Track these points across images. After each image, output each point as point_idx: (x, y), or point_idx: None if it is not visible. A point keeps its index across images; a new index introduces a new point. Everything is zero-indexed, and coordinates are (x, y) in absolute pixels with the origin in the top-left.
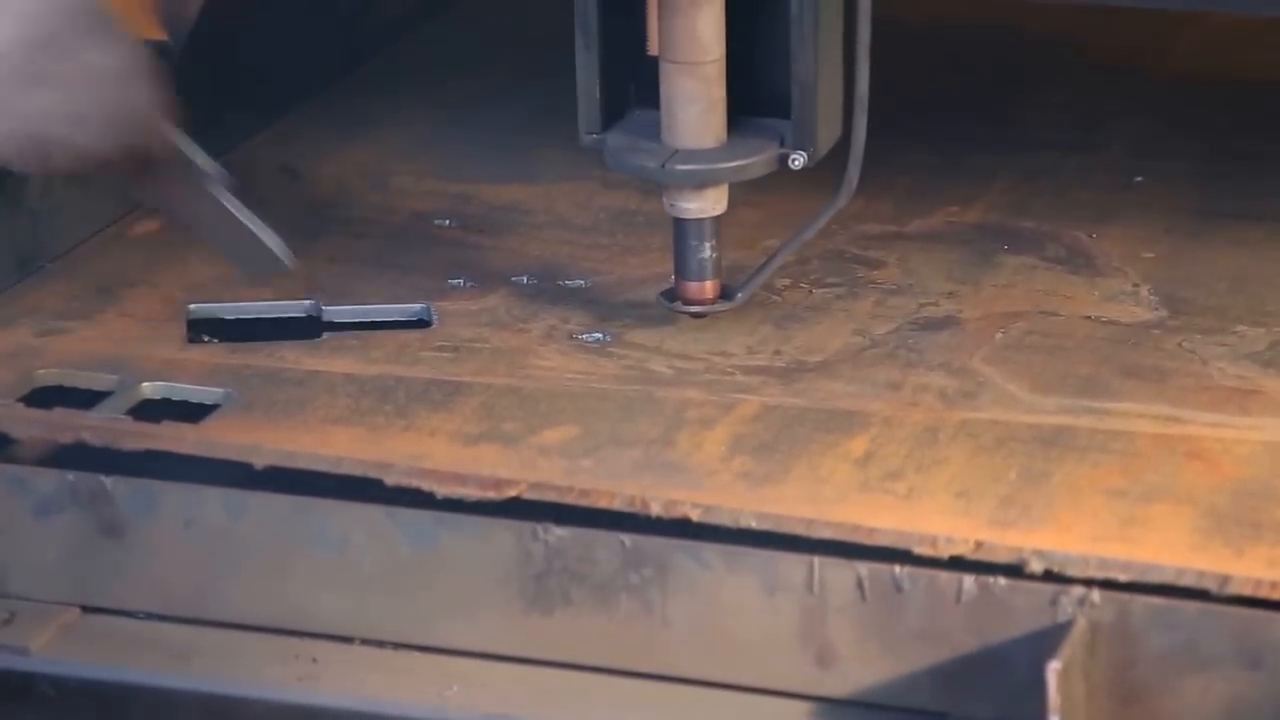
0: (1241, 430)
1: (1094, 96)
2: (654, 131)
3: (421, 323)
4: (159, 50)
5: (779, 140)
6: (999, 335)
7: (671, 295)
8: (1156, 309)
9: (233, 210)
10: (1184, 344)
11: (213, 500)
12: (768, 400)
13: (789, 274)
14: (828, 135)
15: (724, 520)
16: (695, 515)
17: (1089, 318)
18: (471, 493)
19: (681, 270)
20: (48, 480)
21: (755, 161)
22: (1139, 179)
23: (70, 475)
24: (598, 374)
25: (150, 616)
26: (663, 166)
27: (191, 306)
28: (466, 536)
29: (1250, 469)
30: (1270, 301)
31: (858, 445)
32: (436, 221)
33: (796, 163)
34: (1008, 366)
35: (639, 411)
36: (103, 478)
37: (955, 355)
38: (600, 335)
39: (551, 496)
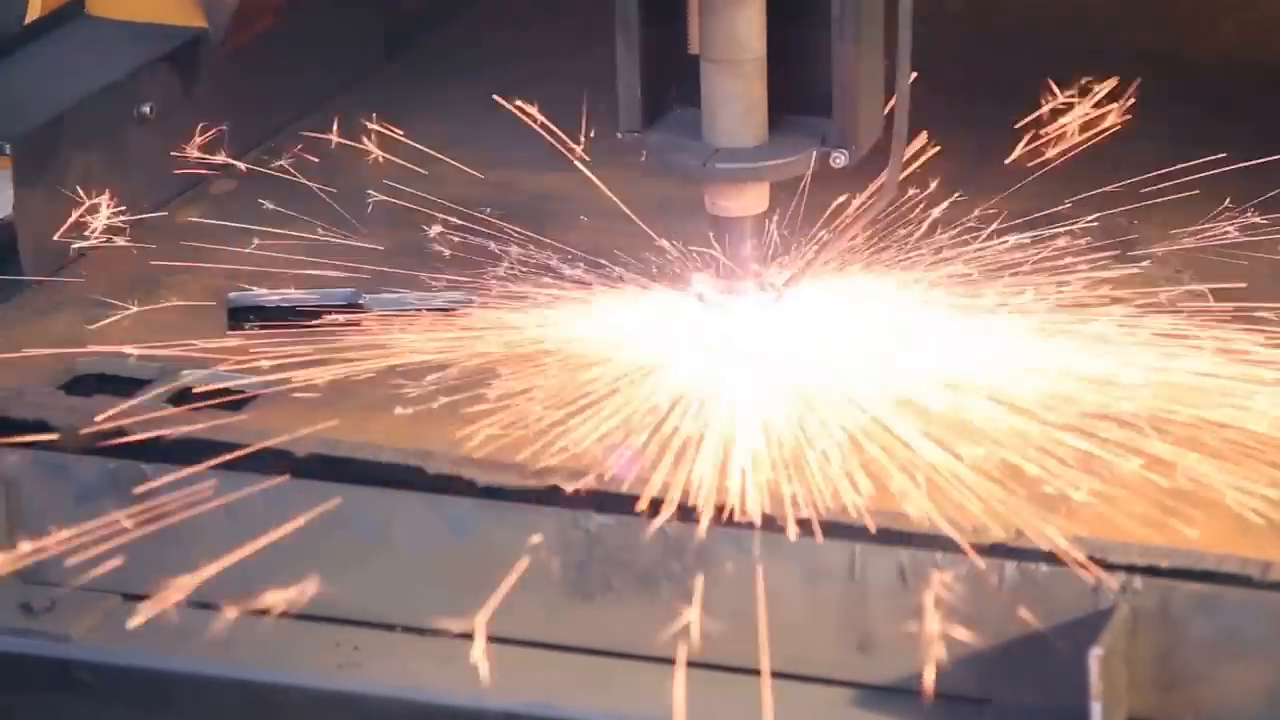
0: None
1: (1134, 80)
2: (694, 130)
3: (461, 309)
4: (198, 38)
5: (820, 139)
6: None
7: (713, 292)
8: (1200, 296)
9: None
10: (1221, 332)
11: (253, 489)
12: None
13: None
14: (869, 133)
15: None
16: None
17: None
18: (513, 481)
19: (724, 269)
20: (88, 468)
21: (796, 160)
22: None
23: (111, 463)
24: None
25: (191, 604)
26: (704, 165)
27: (231, 295)
28: (508, 524)
29: None
30: None
31: None
32: (477, 210)
33: (838, 161)
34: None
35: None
36: (144, 465)
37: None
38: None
39: (592, 484)
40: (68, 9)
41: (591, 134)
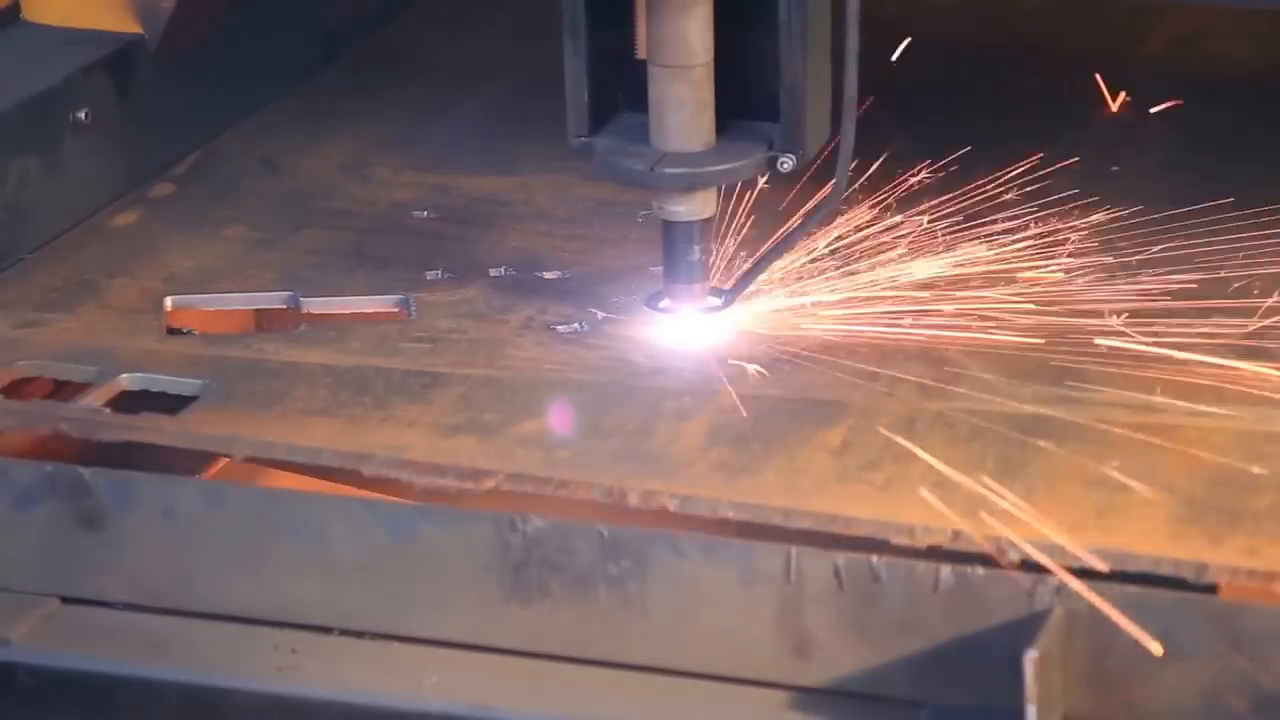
0: (1218, 419)
1: (1070, 88)
2: (642, 135)
3: (399, 314)
4: (133, 43)
5: (768, 143)
6: (976, 325)
7: (660, 298)
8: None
9: None
10: (1160, 332)
11: (191, 491)
12: (744, 391)
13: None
14: (816, 137)
15: (702, 510)
16: (673, 506)
17: None
18: (450, 484)
19: (671, 273)
20: (26, 471)
21: (743, 164)
22: (1114, 168)
23: (49, 466)
24: (575, 364)
25: (129, 607)
26: (651, 170)
27: (169, 299)
28: (445, 527)
29: (1227, 458)
30: (1246, 291)
31: (835, 436)
32: (415, 213)
33: (785, 165)
34: (984, 357)
35: (616, 402)
36: (81, 469)
37: (932, 347)
38: (578, 326)
39: (529, 488)
40: (3, 15)
41: None
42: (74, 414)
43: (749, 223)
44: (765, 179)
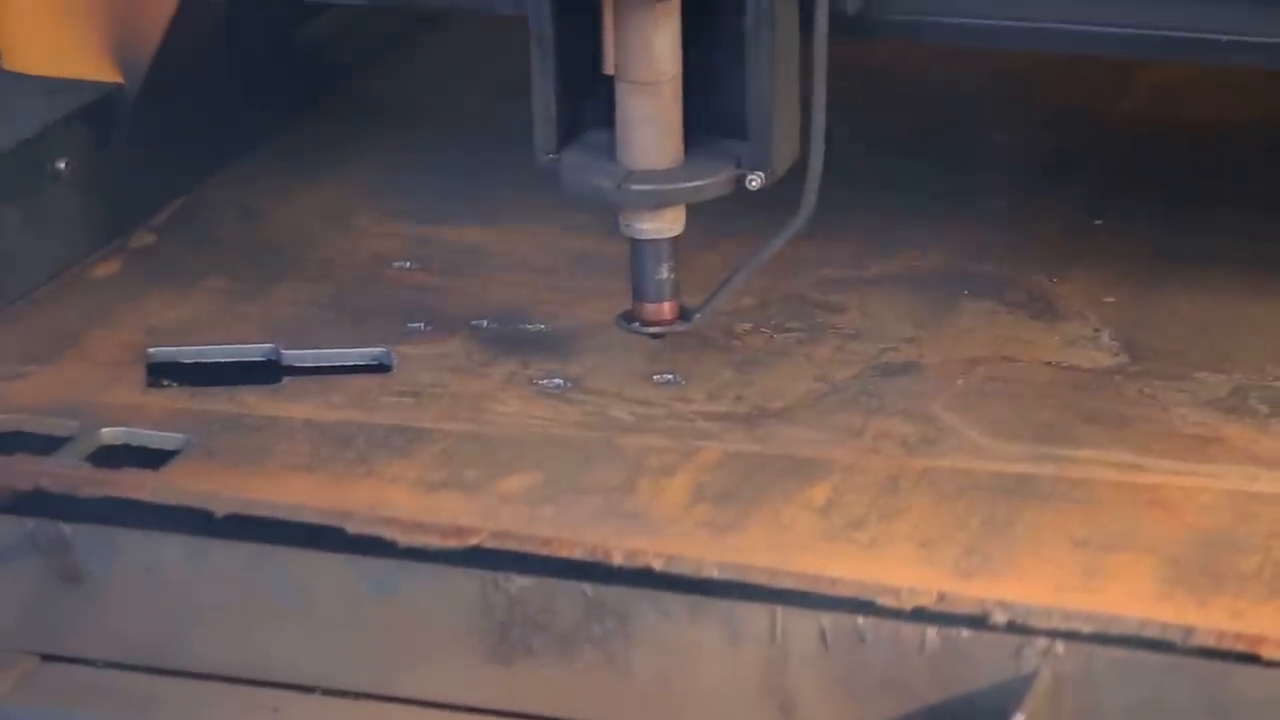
0: (1203, 478)
1: (1052, 140)
2: (610, 152)
3: (382, 367)
4: (113, 93)
5: (736, 161)
6: (960, 381)
7: (630, 317)
8: (1117, 354)
9: None
10: (1145, 390)
11: (173, 548)
12: (729, 447)
13: (749, 318)
14: (785, 156)
15: (686, 570)
16: (657, 565)
17: (1050, 363)
18: (433, 541)
19: (639, 291)
20: (6, 527)
21: (712, 182)
22: (1098, 222)
23: (29, 522)
24: (558, 420)
25: (110, 665)
26: (618, 187)
27: (151, 350)
28: (428, 585)
29: (1212, 518)
30: (1230, 347)
31: (820, 493)
32: (396, 264)
33: (754, 184)
34: (969, 413)
35: (600, 458)
36: (62, 525)
37: (916, 401)
38: (560, 380)
39: (513, 545)
40: None
41: None
42: (55, 469)
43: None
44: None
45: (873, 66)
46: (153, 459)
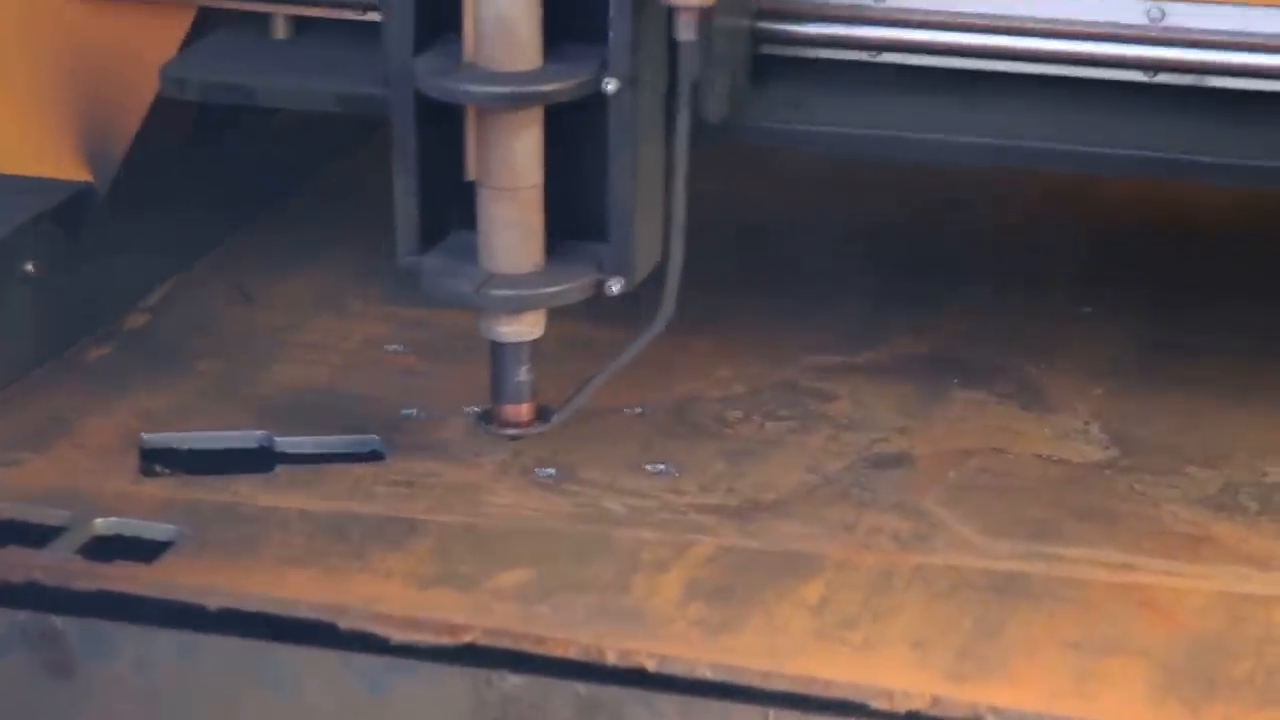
0: (1193, 579)
1: (1040, 225)
2: (472, 253)
3: (375, 455)
4: (83, 192)
5: (597, 264)
6: (951, 474)
7: (488, 417)
8: (1107, 448)
9: None
10: (1135, 486)
11: (165, 642)
12: (722, 542)
13: (741, 405)
14: (646, 261)
15: (680, 670)
16: (651, 665)
17: (1040, 456)
18: (426, 638)
19: (498, 393)
20: None
21: (571, 288)
22: (1087, 309)
23: (20, 615)
24: (552, 512)
25: None
26: (477, 291)
27: (144, 436)
28: (421, 683)
29: (1203, 621)
30: (1219, 441)
31: (813, 590)
32: (389, 348)
33: (614, 289)
34: (960, 508)
35: (594, 553)
36: (54, 618)
37: (908, 495)
38: (553, 470)
39: (507, 643)
40: None
41: None
42: (47, 562)
43: None
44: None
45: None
46: (146, 550)
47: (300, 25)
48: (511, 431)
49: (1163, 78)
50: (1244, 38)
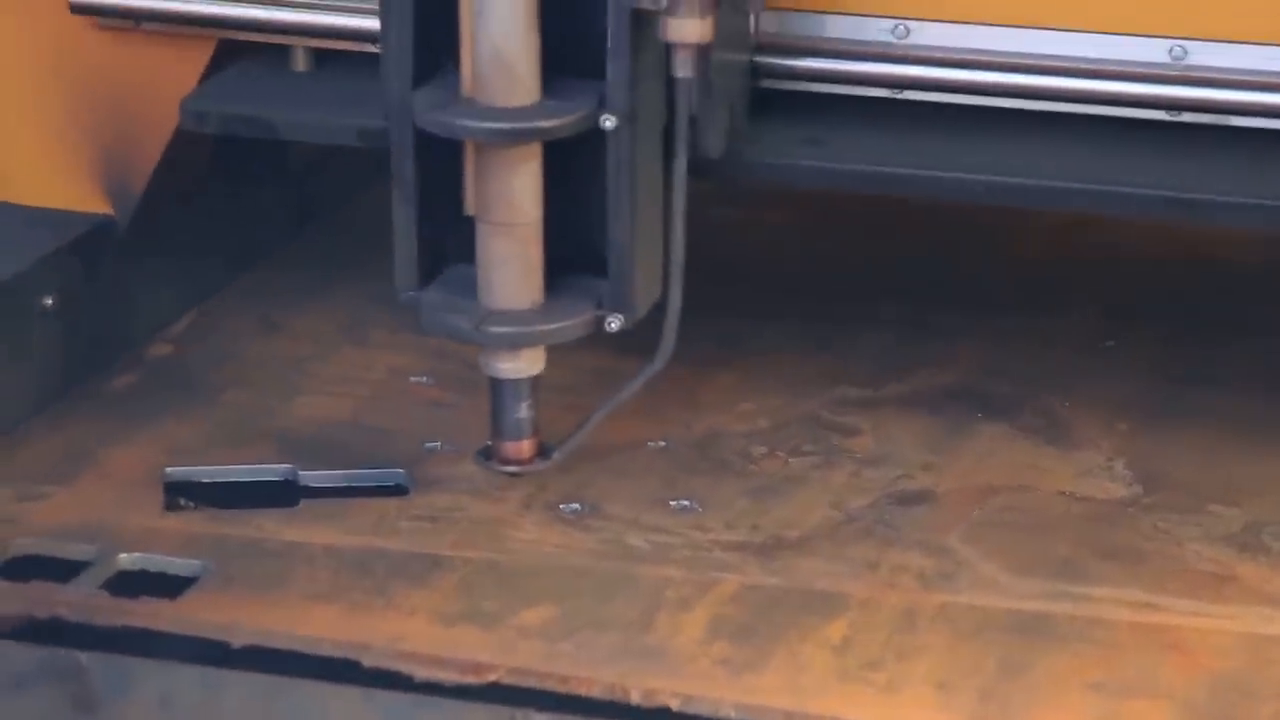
0: (1218, 619)
1: (1063, 257)
2: (472, 288)
3: (399, 488)
4: (103, 225)
5: (596, 301)
6: (976, 512)
7: (489, 454)
8: (1131, 485)
9: None
10: (1159, 524)
11: (189, 678)
12: (746, 579)
13: (764, 440)
14: (646, 297)
15: (703, 710)
16: (675, 704)
17: (1065, 494)
18: (451, 676)
19: (498, 430)
20: (22, 654)
21: (570, 325)
22: (1110, 343)
23: (45, 650)
24: (576, 548)
25: None
26: (476, 328)
27: (168, 470)
28: None
29: (1227, 662)
30: (1242, 478)
31: (836, 630)
32: (413, 379)
33: (613, 325)
34: (985, 545)
35: (618, 590)
36: (79, 654)
37: (932, 533)
38: (578, 505)
39: (531, 682)
40: None
41: None
42: (72, 597)
43: None
44: None
45: None
46: (170, 585)
47: (320, 58)
48: (512, 469)
49: (1186, 117)
50: (1267, 77)
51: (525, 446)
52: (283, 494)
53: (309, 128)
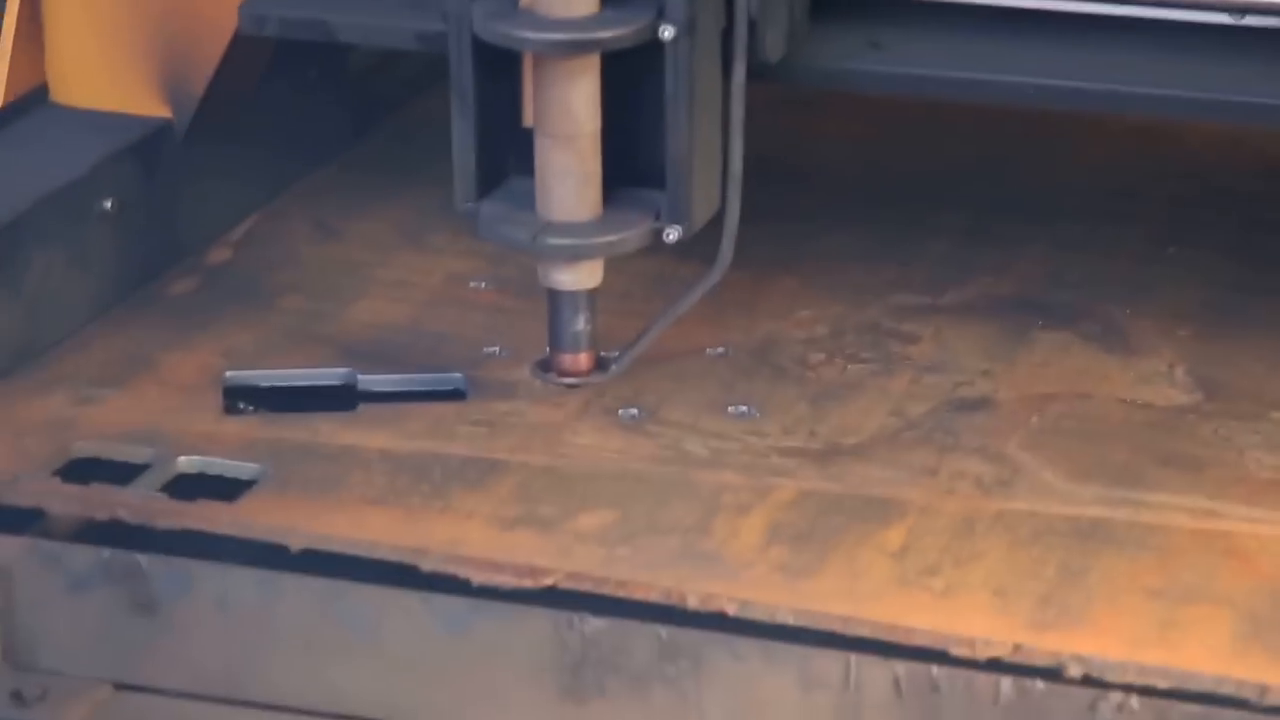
0: (1278, 526)
1: (1126, 164)
2: (530, 200)
3: (457, 393)
4: (161, 129)
5: (655, 213)
6: (1034, 419)
7: (546, 366)
8: (1192, 391)
9: None
10: (1219, 431)
11: (246, 581)
12: (804, 485)
13: (823, 347)
14: (704, 209)
15: (760, 616)
16: (731, 610)
17: (1124, 400)
18: (508, 580)
19: (555, 342)
20: (82, 557)
21: (628, 236)
22: (1172, 250)
23: (105, 552)
24: (634, 453)
25: (183, 695)
26: (534, 239)
27: (228, 374)
28: (501, 624)
29: None
30: None
31: (894, 536)
32: (472, 283)
33: (671, 236)
34: (1043, 452)
35: (675, 495)
36: (138, 556)
37: (991, 439)
38: (636, 411)
39: (588, 586)
40: (31, 96)
41: None
42: (131, 500)
43: None
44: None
45: None
46: (228, 488)
47: None
48: (569, 380)
49: (1249, 20)
50: None
51: (583, 359)
52: (341, 398)
53: (368, 31)
